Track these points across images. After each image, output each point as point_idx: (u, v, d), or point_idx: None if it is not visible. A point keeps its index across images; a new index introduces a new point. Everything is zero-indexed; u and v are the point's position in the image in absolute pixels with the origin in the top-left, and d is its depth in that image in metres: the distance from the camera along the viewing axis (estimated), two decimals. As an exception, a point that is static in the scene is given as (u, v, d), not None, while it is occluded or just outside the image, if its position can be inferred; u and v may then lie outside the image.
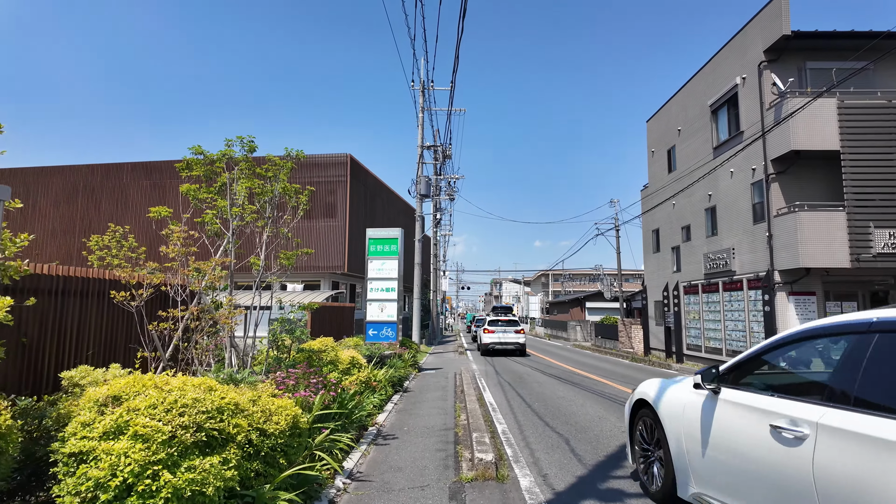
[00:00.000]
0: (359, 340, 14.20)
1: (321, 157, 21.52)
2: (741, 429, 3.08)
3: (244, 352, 8.60)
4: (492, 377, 13.84)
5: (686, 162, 19.99)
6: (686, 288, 19.89)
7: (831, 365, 2.95)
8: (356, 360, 8.75)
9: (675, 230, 21.02)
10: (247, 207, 6.09)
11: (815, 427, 2.51)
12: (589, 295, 39.63)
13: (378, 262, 15.27)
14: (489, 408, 8.96)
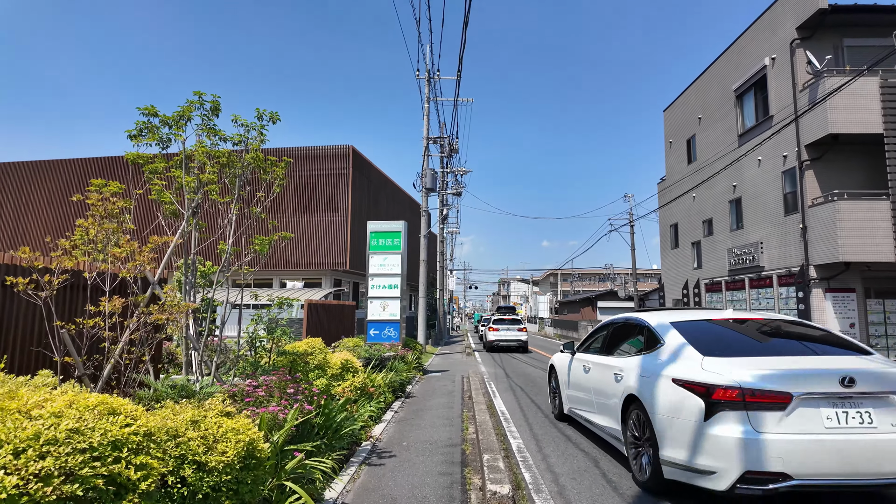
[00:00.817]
0: (359, 341, 13.22)
1: (321, 149, 20.58)
2: (579, 369, 6.50)
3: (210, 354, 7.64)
4: (502, 380, 12.80)
5: (707, 152, 18.83)
6: (708, 285, 18.73)
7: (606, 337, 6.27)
8: (350, 364, 7.75)
9: (695, 224, 19.86)
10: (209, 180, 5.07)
11: (588, 361, 6.19)
12: (600, 294, 38.45)
13: (380, 257, 14.27)
14: (500, 417, 7.92)
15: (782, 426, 3.61)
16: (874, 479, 3.55)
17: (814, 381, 3.70)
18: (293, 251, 20.24)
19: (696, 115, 19.64)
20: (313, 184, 20.47)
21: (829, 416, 3.64)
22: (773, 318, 5.41)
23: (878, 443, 3.56)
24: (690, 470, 3.89)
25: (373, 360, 10.10)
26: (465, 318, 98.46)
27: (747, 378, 3.75)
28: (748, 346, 4.59)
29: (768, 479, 3.56)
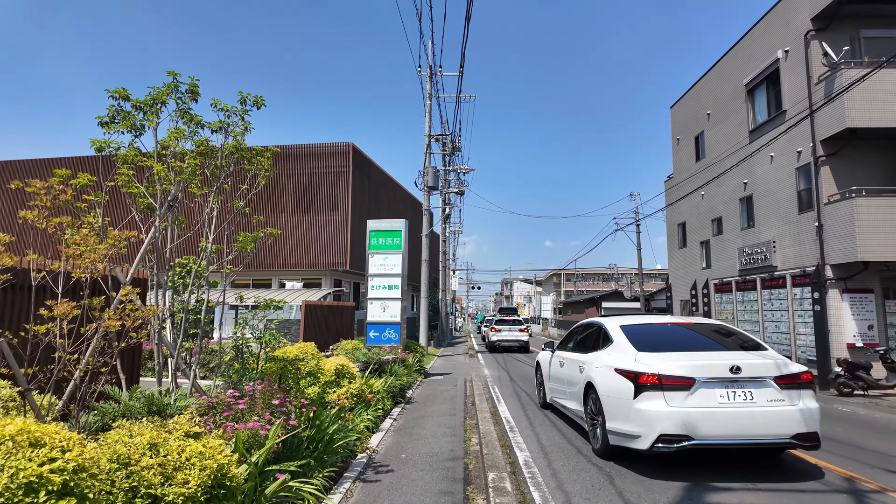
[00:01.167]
0: (358, 344, 12.80)
1: (321, 147, 20.16)
2: (557, 364, 7.74)
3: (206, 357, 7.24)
4: (506, 384, 12.35)
5: (717, 148, 18.33)
6: (717, 286, 18.23)
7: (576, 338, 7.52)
8: (345, 369, 7.31)
9: (703, 223, 19.36)
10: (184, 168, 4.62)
11: (563, 357, 7.45)
12: (605, 294, 37.93)
13: (380, 256, 13.84)
14: (506, 426, 7.47)
15: (687, 402, 4.90)
16: (753, 439, 4.87)
17: (711, 370, 5.00)
18: (292, 251, 19.84)
19: (705, 111, 19.14)
20: (313, 182, 20.07)
21: (721, 394, 4.94)
22: (700, 322, 6.84)
23: (756, 413, 4.88)
24: (625, 436, 5.20)
25: (371, 365, 9.67)
26: (468, 318, 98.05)
27: (664, 368, 5.07)
28: (671, 343, 5.81)
29: (676, 440, 4.82)
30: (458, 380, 13.29)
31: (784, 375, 5.07)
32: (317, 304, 12.96)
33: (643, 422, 4.95)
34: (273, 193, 20.18)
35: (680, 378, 4.97)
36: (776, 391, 4.99)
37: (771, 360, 5.22)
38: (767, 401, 4.92)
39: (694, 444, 4.80)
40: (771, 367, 5.12)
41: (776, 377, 5.03)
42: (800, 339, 13.78)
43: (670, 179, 22.77)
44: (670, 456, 5.45)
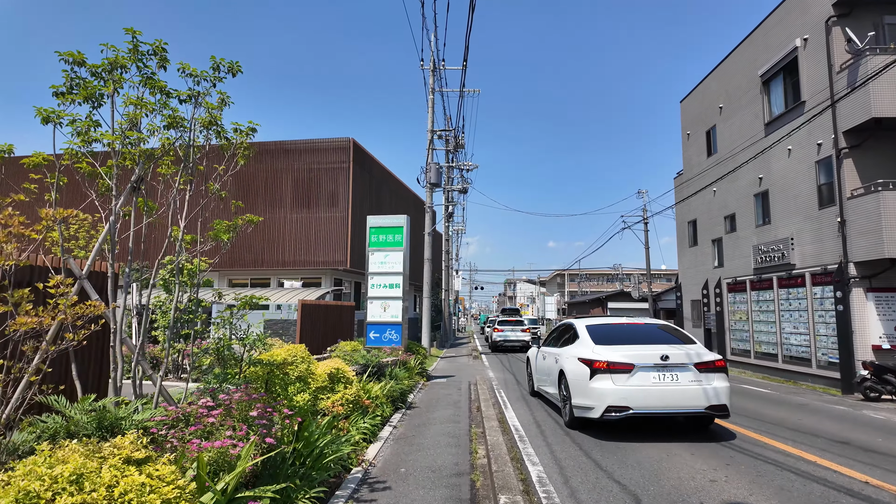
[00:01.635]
0: (357, 345, 12.23)
1: (321, 142, 19.61)
2: (541, 358, 9.23)
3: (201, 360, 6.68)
4: (512, 387, 11.76)
5: (729, 143, 17.70)
6: (730, 285, 17.59)
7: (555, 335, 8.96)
8: (341, 374, 6.73)
9: (715, 220, 18.72)
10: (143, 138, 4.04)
11: (545, 352, 8.89)
12: (611, 294, 37.24)
13: (380, 253, 13.26)
14: (514, 435, 6.88)
15: (629, 382, 6.36)
16: (677, 410, 6.38)
17: (647, 358, 6.47)
18: (291, 249, 19.30)
19: (717, 105, 18.51)
20: (312, 179, 19.52)
21: (654, 376, 6.40)
22: (648, 322, 8.12)
23: (680, 390, 6.36)
24: (584, 408, 6.69)
25: (370, 367, 9.08)
26: (471, 318, 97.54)
27: (611, 356, 6.55)
28: (622, 338, 7.19)
29: (620, 410, 6.29)
30: (462, 383, 12.70)
31: (702, 362, 6.60)
32: (315, 304, 12.40)
33: (596, 397, 6.51)
34: (271, 190, 19.66)
35: (623, 364, 6.50)
36: (695, 374, 6.51)
37: (693, 351, 6.78)
38: (689, 381, 6.46)
39: (633, 413, 6.33)
40: (693, 355, 6.65)
41: (696, 363, 6.55)
42: (820, 340, 13.14)
43: (680, 176, 22.14)
44: (624, 424, 7.07)
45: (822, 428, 7.71)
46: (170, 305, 12.44)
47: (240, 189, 19.97)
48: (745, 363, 16.46)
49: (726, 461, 5.67)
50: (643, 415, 6.36)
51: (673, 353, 6.57)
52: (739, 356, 16.91)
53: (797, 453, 6.16)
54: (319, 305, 12.67)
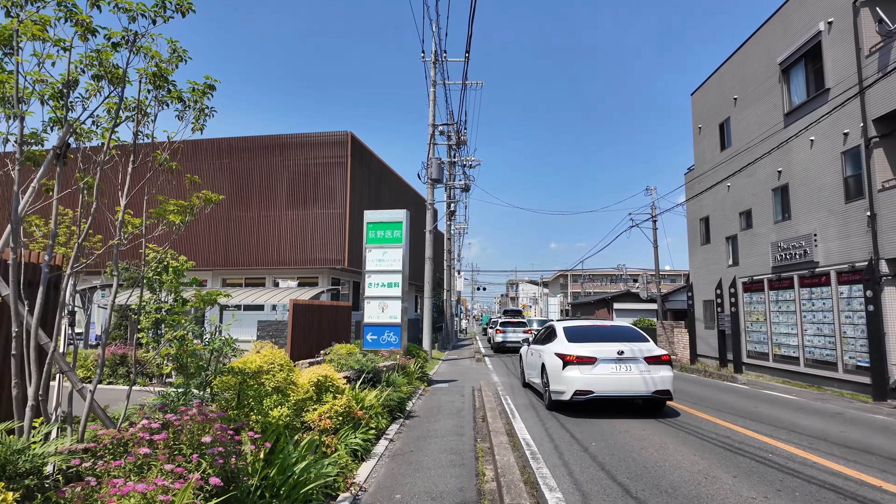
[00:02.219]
0: (353, 348, 11.44)
1: (317, 136, 18.84)
2: (529, 354, 10.99)
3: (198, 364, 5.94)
4: (519, 393, 10.96)
5: (745, 136, 16.89)
6: (746, 284, 16.76)
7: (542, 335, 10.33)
8: (329, 382, 5.95)
9: (730, 217, 17.91)
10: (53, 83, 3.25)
11: (533, 349, 10.62)
12: (616, 295, 36.41)
13: (378, 251, 12.49)
14: (525, 451, 6.09)
15: (592, 372, 8.02)
16: (630, 393, 8.05)
17: (607, 353, 8.12)
18: (287, 248, 18.52)
19: (732, 96, 17.71)
20: (309, 174, 18.74)
21: (612, 367, 8.06)
22: (613, 324, 9.62)
23: (631, 378, 8.02)
24: (558, 392, 8.29)
25: (364, 373, 8.29)
26: (473, 320, 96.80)
27: (579, 351, 8.21)
28: (590, 337, 8.81)
29: (584, 393, 7.96)
30: (465, 388, 11.91)
31: (650, 356, 8.16)
32: (308, 304, 11.62)
33: (566, 384, 8.10)
34: (266, 186, 18.91)
35: (588, 357, 8.08)
36: (645, 365, 8.07)
37: (645, 347, 8.37)
38: (639, 371, 8.00)
39: (595, 396, 7.95)
40: (644, 351, 8.22)
41: (645, 357, 8.13)
42: (847, 343, 12.32)
43: (691, 171, 21.32)
44: (588, 405, 8.69)
45: (873, 444, 6.89)
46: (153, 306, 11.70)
47: (233, 185, 19.24)
48: (763, 366, 15.63)
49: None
50: (603, 397, 8.06)
51: (628, 348, 8.24)
52: (756, 359, 16.08)
53: (858, 476, 5.35)
54: (313, 306, 11.89)
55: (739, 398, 10.90)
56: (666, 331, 24.17)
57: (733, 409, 9.45)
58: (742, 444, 6.61)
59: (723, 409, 9.29)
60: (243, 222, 18.99)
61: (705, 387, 12.90)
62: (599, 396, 8.00)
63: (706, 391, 12.00)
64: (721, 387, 13.02)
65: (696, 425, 7.75)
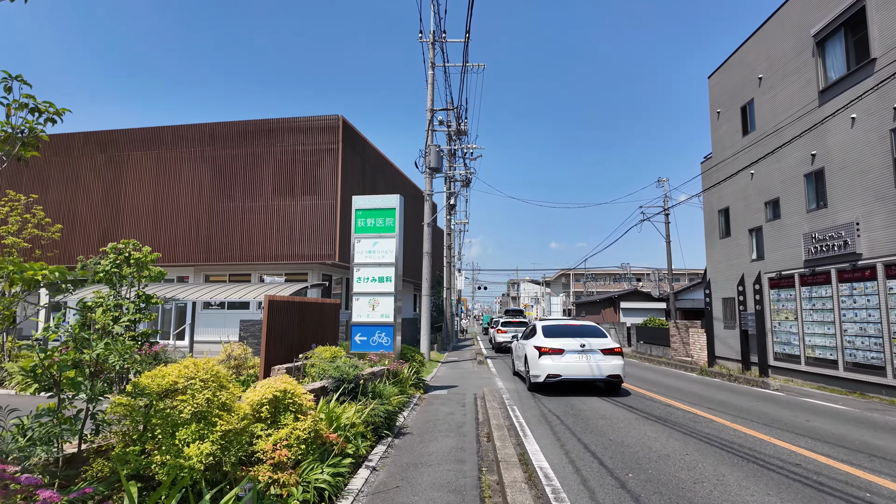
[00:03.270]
0: (339, 350, 10.04)
1: (306, 121, 17.44)
2: (518, 347, 13.42)
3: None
4: (528, 403, 9.56)
5: (771, 118, 15.48)
6: (773, 280, 15.35)
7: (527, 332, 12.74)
8: (288, 399, 4.56)
9: (753, 207, 16.49)
10: None
11: (520, 343, 13.02)
12: (623, 294, 34.98)
13: (368, 241, 11.09)
14: (546, 488, 4.69)
15: (561, 360, 10.38)
16: (589, 377, 10.33)
17: (572, 345, 10.45)
18: (274, 242, 17.13)
19: (755, 76, 16.30)
20: (296, 161, 17.34)
21: (576, 357, 10.40)
22: (582, 322, 12.08)
23: (590, 365, 10.30)
24: (536, 376, 10.56)
25: (345, 383, 6.87)
26: (474, 319, 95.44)
27: (552, 344, 10.57)
28: (561, 333, 11.08)
29: (554, 377, 10.29)
30: (466, 395, 10.51)
31: (606, 348, 10.49)
32: (287, 301, 10.21)
33: (542, 369, 10.44)
34: (251, 175, 17.52)
35: (557, 349, 10.48)
36: (601, 355, 10.42)
37: (603, 342, 10.65)
38: (597, 360, 10.35)
39: (563, 379, 10.31)
40: (602, 344, 10.57)
41: (602, 349, 10.46)
42: (898, 344, 10.90)
43: (708, 160, 19.90)
44: (558, 386, 10.93)
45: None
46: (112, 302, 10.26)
47: (215, 174, 17.86)
48: (794, 370, 14.21)
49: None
50: (569, 379, 10.27)
51: (588, 342, 10.47)
52: (785, 362, 14.66)
53: None
54: (293, 303, 10.49)
55: (780, 408, 9.49)
56: (679, 331, 22.73)
57: (780, 422, 8.04)
58: (822, 475, 5.20)
59: (772, 424, 7.88)
60: (227, 214, 17.62)
61: (736, 394, 11.49)
62: (566, 379, 10.33)
63: (740, 399, 10.58)
64: (753, 394, 11.60)
65: (753, 447, 6.35)
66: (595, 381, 10.55)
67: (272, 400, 4.51)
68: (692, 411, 8.95)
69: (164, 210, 18.10)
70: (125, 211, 18.48)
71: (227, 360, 9.93)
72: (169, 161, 18.32)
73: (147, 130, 18.90)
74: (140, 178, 18.54)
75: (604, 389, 11.29)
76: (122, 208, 18.52)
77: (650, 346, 25.53)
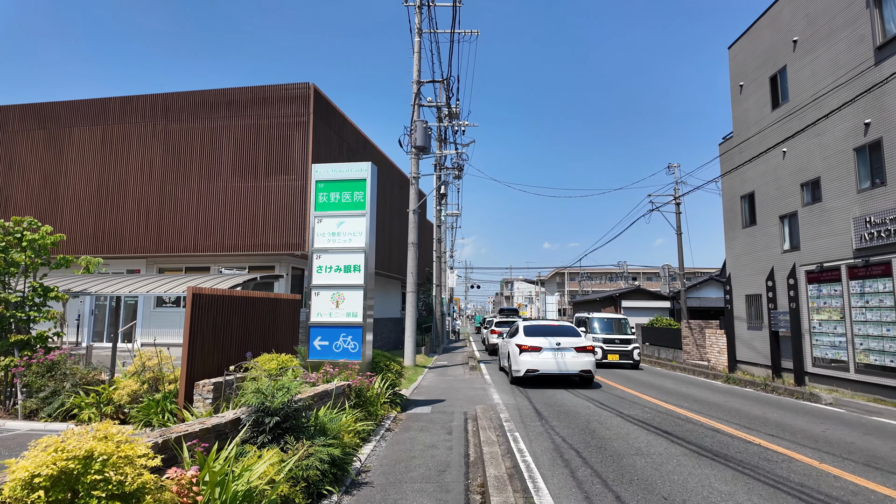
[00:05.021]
0: (290, 359, 7.86)
1: (271, 89, 15.13)
2: (504, 345, 14.29)
3: None
4: (534, 428, 7.37)
5: (810, 85, 13.38)
6: (813, 273, 13.25)
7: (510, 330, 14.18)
8: (98, 469, 2.25)
9: (787, 190, 14.39)
10: None
11: (505, 341, 14.14)
12: (625, 292, 32.85)
13: (331, 220, 8.85)
14: None
15: (539, 357, 11.68)
16: (563, 372, 11.62)
17: (549, 344, 11.78)
18: (235, 230, 14.85)
19: (789, 39, 14.19)
20: (261, 137, 15.04)
21: (551, 354, 11.68)
22: (559, 323, 13.51)
23: (564, 361, 11.61)
24: (516, 371, 11.76)
25: (269, 415, 4.58)
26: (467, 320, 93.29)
27: (531, 342, 11.88)
28: (540, 333, 12.25)
29: (532, 371, 11.58)
30: (454, 414, 8.30)
31: (579, 346, 11.74)
32: (223, 296, 7.94)
33: (522, 365, 11.58)
34: (209, 153, 15.22)
35: (536, 346, 11.70)
36: (574, 353, 11.66)
37: (576, 341, 11.91)
38: (571, 357, 11.59)
39: (540, 373, 11.53)
40: (575, 343, 11.80)
41: (575, 347, 11.73)
42: None
43: (727, 140, 17.79)
44: (535, 380, 12.28)
45: None
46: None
47: (168, 152, 15.53)
48: (839, 378, 12.12)
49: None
50: (545, 374, 11.60)
51: (563, 341, 11.83)
52: (829, 369, 12.56)
53: None
54: (233, 298, 8.22)
55: (858, 433, 7.34)
56: (693, 332, 20.61)
57: (881, 459, 5.88)
58: None
59: (872, 464, 5.71)
60: (181, 198, 15.28)
61: (785, 411, 9.32)
62: (543, 373, 11.55)
63: (797, 420, 8.42)
64: (806, 411, 9.45)
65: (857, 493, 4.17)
66: (569, 375, 11.74)
67: (60, 479, 2.24)
68: (752, 440, 6.77)
69: (110, 194, 15.75)
70: (66, 195, 16.11)
71: (142, 373, 7.64)
72: (116, 138, 15.97)
73: (92, 103, 16.52)
74: (83, 158, 16.17)
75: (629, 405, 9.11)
76: (63, 192, 16.15)
77: (658, 348, 23.42)
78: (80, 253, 15.08)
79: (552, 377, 12.02)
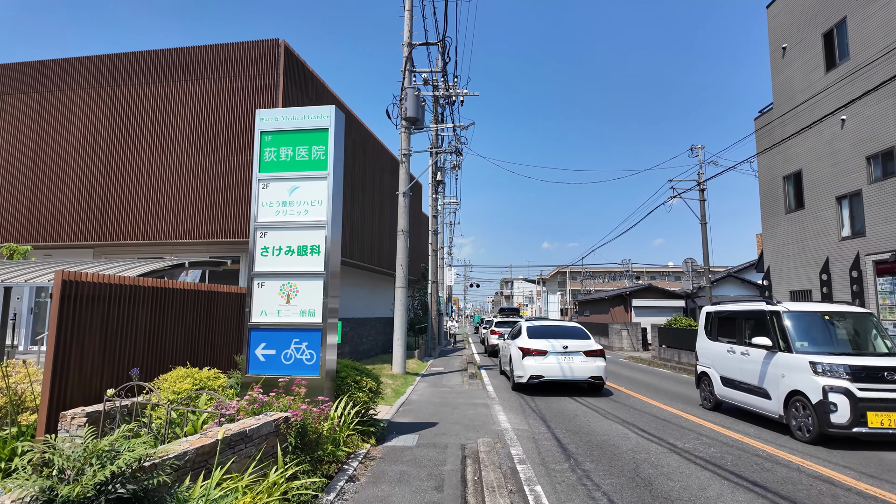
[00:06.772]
0: (213, 377, 5.54)
1: (234, 48, 12.81)
2: (504, 347, 13.56)
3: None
4: (561, 473, 5.09)
5: (880, 37, 11.10)
6: (883, 265, 10.96)
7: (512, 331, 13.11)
8: None
9: (846, 165, 12.11)
10: None
11: (506, 342, 13.20)
12: (636, 290, 30.57)
13: (281, 184, 6.56)
14: None
15: (544, 361, 10.71)
16: (572, 378, 10.64)
17: (555, 347, 10.82)
18: (192, 212, 12.57)
19: (850, -15, 11.93)
20: (221, 104, 12.74)
21: (559, 358, 10.71)
22: (567, 324, 12.42)
23: (572, 367, 10.64)
24: (519, 377, 10.90)
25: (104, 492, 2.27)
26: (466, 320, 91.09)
27: (535, 345, 10.94)
28: (545, 334, 11.39)
29: (538, 378, 10.65)
30: (448, 450, 6.01)
31: (589, 350, 10.84)
32: (119, 285, 5.65)
33: (525, 370, 10.76)
34: (162, 123, 12.93)
35: (541, 350, 10.83)
36: (584, 357, 10.76)
37: (586, 343, 11.02)
38: (579, 361, 10.70)
39: (545, 380, 10.63)
40: (584, 346, 10.90)
41: (584, 351, 10.81)
42: None
43: (766, 113, 15.49)
44: (540, 386, 11.08)
45: None
46: None
47: (116, 123, 13.23)
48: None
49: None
50: (551, 380, 10.65)
51: (571, 343, 10.91)
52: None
53: None
54: (136, 289, 5.93)
55: None
56: (720, 333, 18.28)
57: None
58: None
59: None
60: (129, 175, 12.99)
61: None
62: (548, 380, 10.70)
63: None
64: None
65: None
66: (577, 382, 10.84)
67: None
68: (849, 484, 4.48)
69: (47, 171, 13.47)
70: (-3, 173, 13.79)
71: (-6, 396, 5.32)
72: (54, 106, 13.69)
73: (28, 66, 14.25)
74: (17, 129, 13.87)
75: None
76: (-6, 170, 13.83)
77: (677, 351, 21.09)
78: (10, 241, 12.80)
79: (558, 383, 11.08)
